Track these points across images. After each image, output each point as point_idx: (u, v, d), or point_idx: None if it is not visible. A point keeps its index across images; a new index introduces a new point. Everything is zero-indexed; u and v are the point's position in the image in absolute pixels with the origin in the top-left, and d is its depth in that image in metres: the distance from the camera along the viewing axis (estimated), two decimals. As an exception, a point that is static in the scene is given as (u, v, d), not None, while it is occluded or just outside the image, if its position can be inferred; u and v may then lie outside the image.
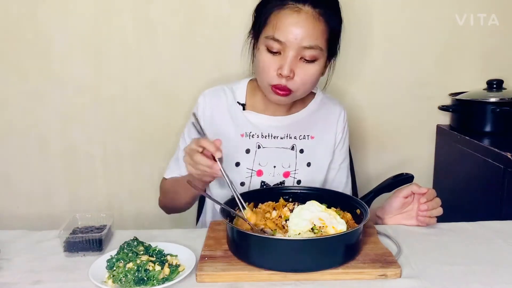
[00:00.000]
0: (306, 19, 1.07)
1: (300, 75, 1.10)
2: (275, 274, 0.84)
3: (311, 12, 1.07)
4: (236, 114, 1.25)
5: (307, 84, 1.13)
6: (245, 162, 1.22)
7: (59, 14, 1.59)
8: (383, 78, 1.71)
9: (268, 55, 1.10)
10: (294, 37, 1.06)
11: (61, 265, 0.93)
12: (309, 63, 1.10)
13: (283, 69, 1.08)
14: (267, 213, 1.01)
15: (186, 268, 0.87)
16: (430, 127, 1.75)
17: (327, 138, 1.29)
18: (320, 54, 1.10)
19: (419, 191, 1.07)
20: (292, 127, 1.25)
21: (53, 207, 1.75)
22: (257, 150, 1.23)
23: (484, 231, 1.05)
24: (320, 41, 1.09)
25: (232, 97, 1.26)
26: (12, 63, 1.63)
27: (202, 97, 1.27)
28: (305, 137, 1.26)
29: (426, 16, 1.65)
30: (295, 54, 1.08)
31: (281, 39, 1.07)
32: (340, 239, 0.86)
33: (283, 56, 1.08)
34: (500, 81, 1.58)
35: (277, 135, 1.24)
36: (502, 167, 1.32)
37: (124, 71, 1.65)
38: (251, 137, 1.23)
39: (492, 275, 0.86)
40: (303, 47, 1.07)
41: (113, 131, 1.70)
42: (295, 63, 1.09)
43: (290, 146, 1.24)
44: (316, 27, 1.07)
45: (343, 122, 1.31)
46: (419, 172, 1.41)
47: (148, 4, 1.60)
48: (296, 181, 1.23)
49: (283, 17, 1.07)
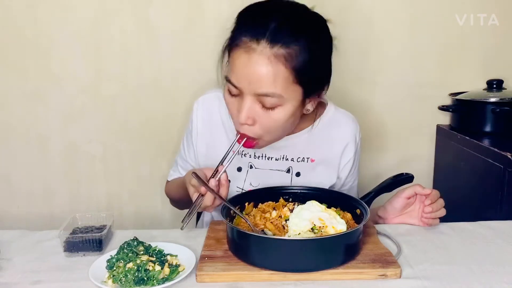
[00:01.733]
0: (259, 61, 0.89)
1: (261, 123, 0.95)
2: (275, 274, 0.84)
3: (267, 52, 0.89)
4: (230, 127, 1.13)
5: (272, 132, 0.98)
6: (235, 181, 1.15)
7: (59, 14, 1.59)
8: (383, 78, 1.70)
9: (229, 97, 0.98)
10: (247, 83, 0.91)
11: (61, 265, 0.93)
12: (271, 110, 0.94)
13: (239, 116, 0.94)
14: (267, 213, 1.01)
15: (186, 268, 0.87)
16: (430, 127, 1.75)
17: (331, 163, 1.16)
18: (282, 100, 0.93)
19: (423, 192, 1.03)
20: (289, 148, 1.13)
21: (53, 207, 1.75)
22: (249, 170, 1.15)
23: (484, 231, 1.05)
24: (278, 87, 0.90)
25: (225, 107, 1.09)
26: (12, 63, 1.63)
27: (196, 105, 1.19)
28: (303, 160, 1.14)
29: (426, 16, 1.65)
30: (253, 100, 0.93)
31: (235, 84, 0.93)
32: (340, 239, 0.86)
33: (240, 101, 0.95)
34: (500, 81, 1.58)
35: (272, 156, 1.14)
36: (502, 167, 1.32)
37: (124, 71, 1.65)
38: (243, 156, 1.15)
39: (492, 275, 0.86)
40: (258, 94, 0.92)
41: (113, 131, 1.70)
42: (253, 111, 0.94)
43: (286, 169, 1.14)
44: (271, 71, 0.89)
45: (354, 146, 1.16)
46: (419, 172, 1.41)
47: (148, 4, 1.60)
48: None
49: (236, 58, 0.92)
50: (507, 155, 1.30)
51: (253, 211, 1.04)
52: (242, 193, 1.07)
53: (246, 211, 1.04)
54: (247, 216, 1.00)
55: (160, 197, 1.75)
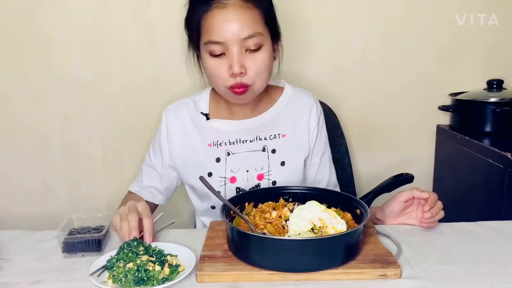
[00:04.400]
0: (235, 10, 1.05)
1: (251, 67, 1.08)
2: (275, 274, 0.84)
3: (237, 2, 1.05)
4: (201, 125, 1.24)
5: (262, 73, 1.11)
6: (217, 171, 1.21)
7: (59, 14, 1.59)
8: (383, 78, 1.70)
9: (213, 60, 1.09)
10: (231, 33, 1.05)
11: (61, 265, 0.93)
12: (256, 52, 1.08)
13: (233, 68, 1.06)
14: (267, 213, 1.01)
15: (186, 268, 0.87)
16: (430, 127, 1.75)
17: (300, 134, 1.25)
18: (263, 39, 1.09)
19: (421, 195, 1.05)
20: (260, 128, 1.23)
21: (53, 207, 1.75)
22: (227, 157, 1.21)
23: (484, 231, 1.05)
24: (258, 27, 1.07)
25: (194, 109, 1.26)
26: (12, 63, 1.63)
27: (164, 113, 1.27)
28: (276, 136, 1.23)
29: (426, 16, 1.65)
30: (239, 49, 1.06)
31: (220, 40, 1.06)
32: (340, 239, 0.86)
33: (228, 56, 1.07)
34: (500, 81, 1.58)
35: (246, 139, 1.22)
36: (502, 167, 1.32)
37: (124, 71, 1.65)
38: (219, 146, 1.22)
39: (492, 275, 0.86)
40: (244, 39, 1.06)
41: (113, 131, 1.70)
42: (242, 58, 1.07)
43: (261, 148, 1.22)
44: (247, 15, 1.06)
45: (316, 116, 1.27)
46: (419, 172, 1.41)
47: (148, 4, 1.60)
48: (271, 182, 1.21)
49: (213, 18, 1.06)
50: (507, 155, 1.30)
51: (253, 211, 1.04)
52: (242, 193, 1.07)
53: (246, 211, 1.04)
54: (247, 217, 1.00)
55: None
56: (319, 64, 1.67)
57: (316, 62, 1.67)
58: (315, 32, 1.64)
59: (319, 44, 1.65)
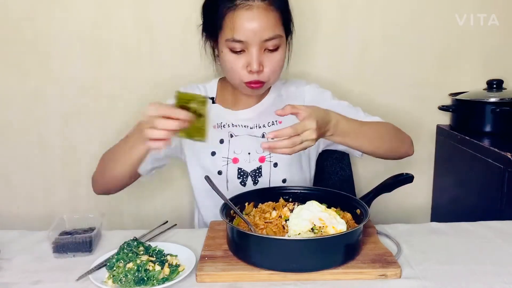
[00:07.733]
0: (259, 13, 1.10)
1: (268, 66, 1.14)
2: (275, 274, 0.84)
3: (262, 5, 1.10)
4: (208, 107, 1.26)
5: (277, 71, 1.18)
6: (220, 151, 1.26)
7: (59, 14, 1.59)
8: (383, 78, 1.70)
9: (233, 56, 1.14)
10: (254, 34, 1.10)
11: (61, 265, 0.93)
12: (273, 52, 1.14)
13: (252, 66, 1.12)
14: (267, 213, 1.01)
15: (186, 268, 0.87)
16: (430, 127, 1.75)
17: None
18: (281, 40, 1.15)
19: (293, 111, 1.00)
20: (260, 116, 1.29)
21: (53, 207, 1.74)
22: (230, 139, 1.27)
23: (484, 231, 1.05)
24: (278, 29, 1.13)
25: (204, 92, 1.33)
26: (12, 63, 1.63)
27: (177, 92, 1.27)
28: (273, 123, 1.28)
29: (426, 16, 1.65)
30: (259, 48, 1.12)
31: (242, 39, 1.11)
32: (340, 239, 0.86)
33: (247, 53, 1.13)
34: (500, 81, 1.58)
35: (247, 125, 1.29)
36: (502, 167, 1.32)
37: (124, 71, 1.65)
38: (223, 127, 1.28)
39: (492, 275, 0.86)
40: (264, 40, 1.11)
41: (113, 131, 1.70)
42: (261, 57, 1.13)
43: (261, 135, 1.27)
44: (270, 18, 1.11)
45: (310, 90, 1.33)
46: (419, 172, 1.41)
47: (148, 4, 1.60)
48: (272, 164, 1.25)
49: (238, 18, 1.10)
50: (507, 155, 1.30)
51: (253, 211, 1.04)
52: (242, 193, 1.07)
53: (246, 211, 1.04)
54: (247, 217, 1.00)
55: (160, 197, 1.75)
56: (319, 64, 1.67)
57: (316, 62, 1.66)
58: (315, 32, 1.64)
59: (319, 44, 1.65)
